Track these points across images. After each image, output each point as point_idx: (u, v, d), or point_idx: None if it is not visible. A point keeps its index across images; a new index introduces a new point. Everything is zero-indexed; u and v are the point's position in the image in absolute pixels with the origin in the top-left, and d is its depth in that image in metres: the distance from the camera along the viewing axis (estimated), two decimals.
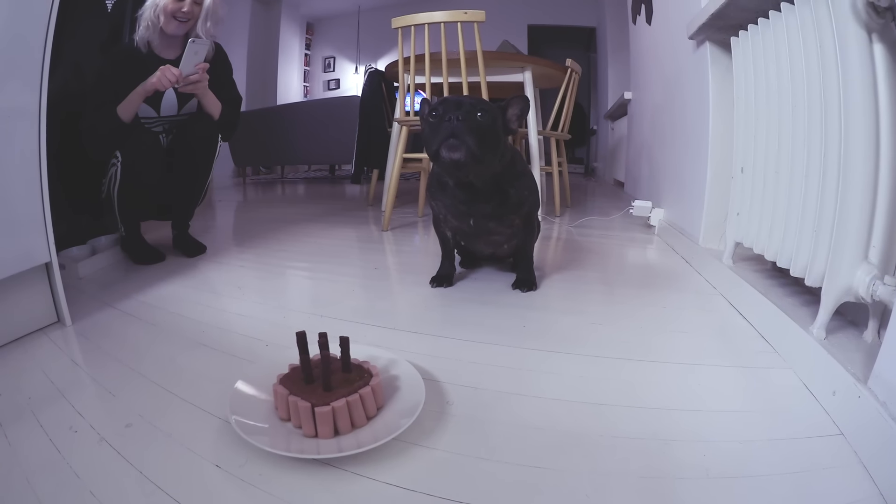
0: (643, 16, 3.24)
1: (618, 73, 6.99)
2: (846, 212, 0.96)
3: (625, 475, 0.73)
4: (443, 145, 1.24)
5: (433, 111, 1.30)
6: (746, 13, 1.48)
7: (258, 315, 1.41)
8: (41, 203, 1.27)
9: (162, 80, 1.78)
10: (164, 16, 1.87)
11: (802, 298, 1.24)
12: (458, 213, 1.49)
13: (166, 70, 1.78)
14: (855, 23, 0.94)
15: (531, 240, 1.64)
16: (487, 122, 1.27)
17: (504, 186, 1.43)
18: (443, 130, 1.25)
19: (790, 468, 0.74)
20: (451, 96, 1.32)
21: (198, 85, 1.90)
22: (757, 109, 1.40)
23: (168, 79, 1.78)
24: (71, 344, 1.22)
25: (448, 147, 1.24)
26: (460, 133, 1.23)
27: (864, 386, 0.79)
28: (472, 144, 1.23)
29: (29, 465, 0.75)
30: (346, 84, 9.91)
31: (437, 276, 1.67)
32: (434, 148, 1.27)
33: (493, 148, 1.30)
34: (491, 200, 1.44)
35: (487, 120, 1.27)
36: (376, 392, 0.84)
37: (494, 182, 1.41)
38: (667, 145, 2.69)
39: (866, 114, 0.93)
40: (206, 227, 2.95)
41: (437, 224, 1.64)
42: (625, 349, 1.17)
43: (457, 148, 1.23)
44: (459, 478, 0.72)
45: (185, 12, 1.89)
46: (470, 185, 1.40)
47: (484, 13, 2.39)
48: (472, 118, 1.25)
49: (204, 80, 1.92)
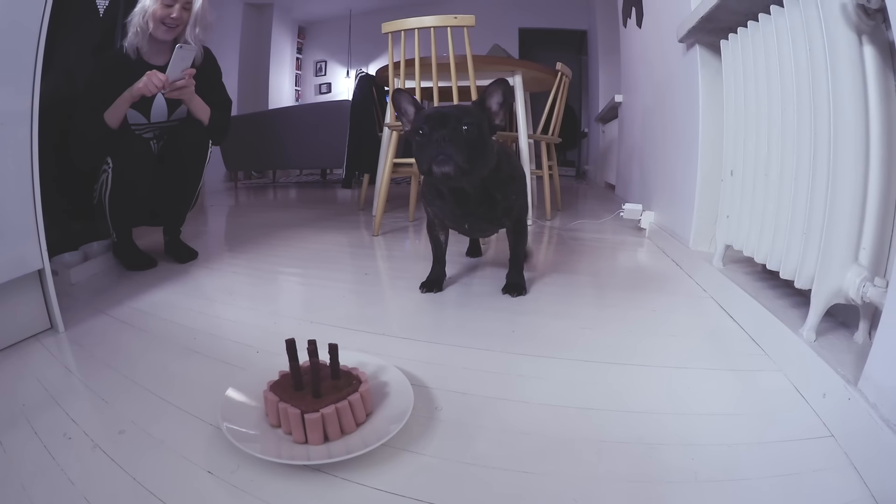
0: (633, 19, 3.25)
1: (609, 76, 7.00)
2: (835, 214, 0.96)
3: (612, 480, 0.73)
4: (433, 162, 1.28)
5: (419, 129, 1.33)
6: (736, 16, 1.48)
7: (249, 321, 1.41)
8: (33, 210, 1.26)
9: (148, 85, 1.78)
10: (152, 21, 1.87)
11: (793, 300, 1.25)
12: (454, 216, 1.53)
13: (152, 75, 1.78)
14: (845, 25, 0.94)
15: (521, 244, 1.65)
16: (473, 133, 1.30)
17: (491, 192, 1.46)
18: (431, 148, 1.29)
19: (780, 471, 0.74)
20: (436, 111, 1.34)
21: (184, 90, 1.89)
22: (746, 112, 1.41)
23: (154, 84, 1.78)
24: (64, 351, 1.21)
25: (437, 163, 1.28)
26: (447, 149, 1.27)
27: (855, 388, 0.79)
28: (460, 159, 1.27)
29: (24, 471, 0.75)
30: (338, 88, 9.91)
31: (426, 282, 1.68)
32: (425, 166, 1.31)
33: (481, 155, 1.33)
34: (481, 205, 1.47)
35: (473, 130, 1.30)
36: (365, 398, 0.84)
37: (483, 188, 1.44)
38: (657, 148, 2.70)
39: (856, 116, 0.93)
40: (197, 232, 2.95)
41: (430, 227, 1.67)
42: (613, 353, 1.17)
43: (445, 163, 1.27)
44: (447, 483, 0.72)
45: (174, 18, 1.88)
46: (462, 192, 1.43)
47: (473, 18, 2.39)
48: (458, 133, 1.29)
49: (190, 86, 1.91)
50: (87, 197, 1.99)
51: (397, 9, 8.09)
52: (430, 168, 1.29)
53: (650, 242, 2.50)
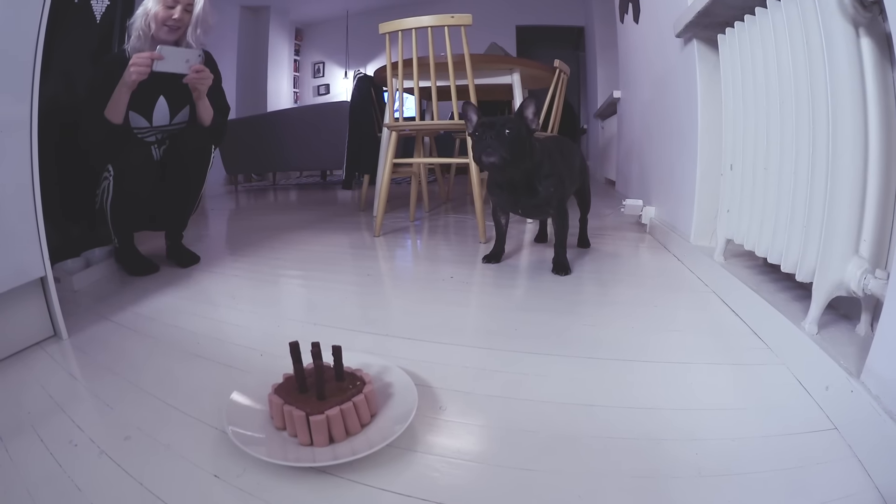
0: (630, 14, 3.24)
1: (607, 71, 7.00)
2: (835, 206, 0.96)
3: (617, 476, 0.73)
4: (483, 153, 1.67)
5: (476, 131, 1.71)
6: (733, 10, 1.48)
7: (252, 325, 1.41)
8: (35, 217, 1.26)
9: (136, 69, 1.76)
10: (154, 23, 1.88)
11: (794, 293, 1.25)
12: (509, 202, 1.91)
13: (135, 57, 1.76)
14: (841, 17, 0.94)
15: (563, 230, 1.89)
16: (513, 134, 1.67)
17: (534, 184, 1.79)
18: (483, 143, 1.67)
19: (784, 464, 0.74)
20: (488, 119, 1.72)
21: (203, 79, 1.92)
22: (745, 106, 1.41)
23: (139, 64, 1.76)
24: (68, 358, 1.22)
25: (486, 154, 1.67)
26: (493, 144, 1.66)
27: (857, 380, 0.79)
28: (503, 152, 1.65)
29: (30, 479, 0.75)
30: (336, 89, 9.91)
31: (488, 255, 2.07)
32: (477, 155, 1.69)
33: (520, 150, 1.68)
34: (526, 193, 1.82)
35: (513, 132, 1.67)
36: (369, 399, 0.85)
37: (528, 180, 1.79)
38: (656, 143, 2.70)
39: (854, 108, 0.93)
40: (199, 235, 2.95)
41: (494, 213, 2.06)
42: (617, 350, 1.18)
43: (492, 154, 1.66)
44: (453, 482, 0.73)
45: (176, 19, 1.89)
46: (512, 183, 1.80)
47: (470, 17, 2.39)
48: (502, 134, 1.66)
49: (208, 79, 1.94)
50: (88, 202, 1.99)
51: (394, 8, 8.10)
52: (480, 157, 1.68)
53: (651, 238, 2.50)
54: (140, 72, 1.77)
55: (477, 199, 2.51)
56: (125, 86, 1.80)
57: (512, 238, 2.50)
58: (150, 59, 1.77)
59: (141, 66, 1.76)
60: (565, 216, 1.88)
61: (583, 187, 2.25)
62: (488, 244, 2.30)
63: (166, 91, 1.98)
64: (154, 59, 1.77)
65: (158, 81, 1.87)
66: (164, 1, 1.88)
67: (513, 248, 2.29)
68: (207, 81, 1.94)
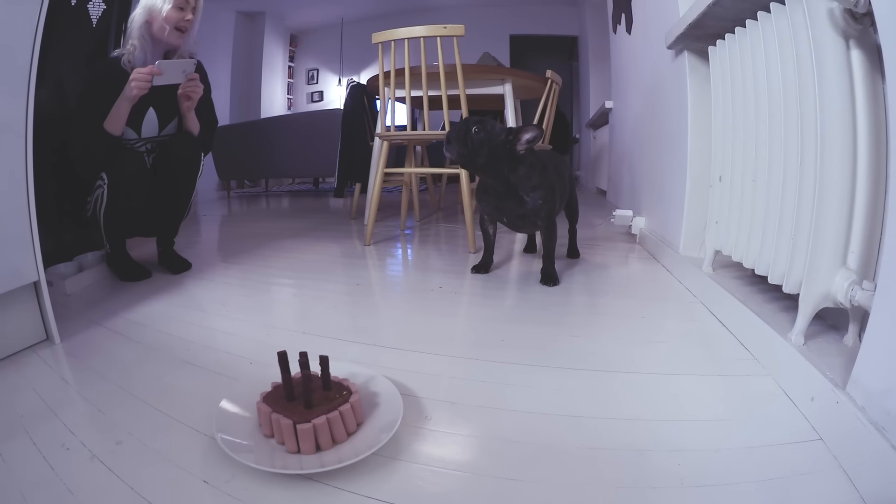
0: (623, 25, 3.27)
1: (600, 81, 7.02)
2: (823, 218, 0.97)
3: (600, 486, 0.74)
4: (445, 146, 1.71)
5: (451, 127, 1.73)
6: (724, 22, 1.49)
7: (243, 332, 1.41)
8: (28, 221, 1.26)
9: (137, 84, 1.76)
10: (167, 25, 1.87)
11: (781, 304, 1.26)
12: (495, 210, 1.89)
13: (135, 72, 1.76)
14: (832, 30, 0.95)
15: (550, 242, 1.88)
16: (479, 136, 1.66)
17: (521, 194, 1.77)
18: (449, 134, 1.69)
19: (768, 475, 0.75)
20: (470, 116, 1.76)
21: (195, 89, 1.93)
22: (734, 118, 1.42)
23: (140, 79, 1.75)
24: (60, 362, 1.22)
25: (446, 147, 1.71)
26: (452, 139, 1.68)
27: (843, 391, 0.80)
28: (459, 147, 1.68)
29: (24, 482, 0.76)
30: (330, 96, 9.93)
31: (476, 266, 2.05)
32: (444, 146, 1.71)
33: (489, 154, 1.68)
34: (512, 202, 1.80)
35: (480, 134, 1.67)
36: (356, 408, 0.85)
37: (514, 189, 1.77)
38: (647, 154, 2.72)
39: (843, 120, 0.94)
40: (190, 242, 2.95)
41: (481, 222, 2.03)
42: (603, 360, 1.18)
43: (450, 149, 1.70)
44: (437, 490, 0.73)
45: (188, 21, 1.90)
46: (496, 190, 1.81)
47: (463, 27, 2.40)
48: (467, 132, 1.67)
49: (199, 90, 1.94)
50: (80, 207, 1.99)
51: (388, 16, 8.14)
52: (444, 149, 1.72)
53: (641, 248, 2.51)
54: (141, 87, 1.77)
55: (467, 209, 2.50)
56: (126, 100, 1.79)
57: (501, 248, 2.52)
58: (151, 75, 1.77)
59: (142, 81, 1.76)
60: (553, 228, 1.87)
61: (570, 198, 2.22)
62: (478, 254, 2.30)
63: (156, 103, 1.98)
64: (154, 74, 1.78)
65: (149, 93, 1.85)
66: (176, 2, 1.87)
67: (502, 259, 2.29)
68: (199, 91, 1.95)
